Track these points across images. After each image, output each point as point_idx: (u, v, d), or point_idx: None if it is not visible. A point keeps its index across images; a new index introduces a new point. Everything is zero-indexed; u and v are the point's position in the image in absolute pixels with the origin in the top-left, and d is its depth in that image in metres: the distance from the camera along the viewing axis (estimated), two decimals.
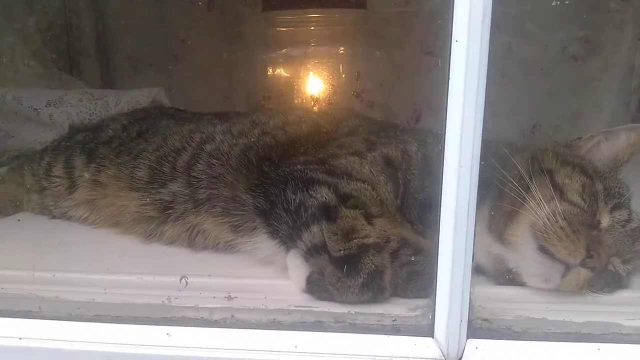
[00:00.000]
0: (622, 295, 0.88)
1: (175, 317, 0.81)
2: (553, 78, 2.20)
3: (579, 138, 1.04)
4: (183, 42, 2.33)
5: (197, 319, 0.80)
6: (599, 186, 0.91)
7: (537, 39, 2.16)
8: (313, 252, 0.85)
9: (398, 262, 0.84)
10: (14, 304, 0.83)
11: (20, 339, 0.79)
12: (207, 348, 0.77)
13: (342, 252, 0.82)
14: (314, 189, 0.92)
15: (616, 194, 0.92)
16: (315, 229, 0.87)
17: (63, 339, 0.80)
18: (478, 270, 0.98)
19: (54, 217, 1.31)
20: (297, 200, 0.92)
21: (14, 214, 1.34)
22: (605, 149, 1.00)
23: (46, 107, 1.64)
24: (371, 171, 0.98)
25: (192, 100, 2.28)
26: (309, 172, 0.97)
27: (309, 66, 1.63)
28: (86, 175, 1.24)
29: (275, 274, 0.94)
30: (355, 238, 0.83)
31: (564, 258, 0.83)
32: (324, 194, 0.91)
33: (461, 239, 0.70)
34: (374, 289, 0.81)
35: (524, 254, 0.88)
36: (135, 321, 0.80)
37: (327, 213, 0.87)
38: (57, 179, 1.29)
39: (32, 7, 2.18)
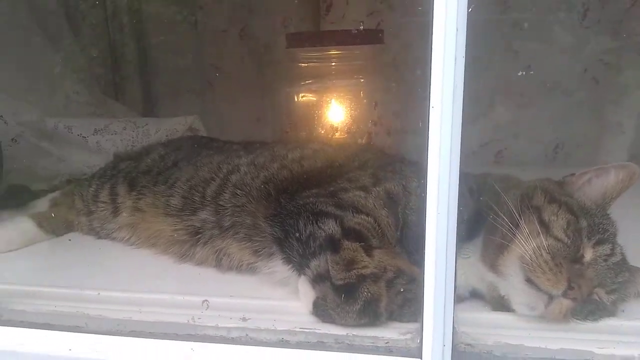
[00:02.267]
0: (608, 323, 0.96)
1: (199, 335, 0.94)
2: (574, 99, 2.25)
3: (572, 174, 1.11)
4: (217, 69, 2.50)
5: (217, 336, 0.93)
6: (584, 223, 0.98)
7: (558, 60, 2.22)
8: (318, 280, 0.96)
9: (394, 291, 0.94)
10: (65, 320, 0.98)
11: (70, 350, 0.94)
12: None
13: (342, 281, 0.92)
14: (322, 221, 1.02)
15: (600, 229, 0.99)
16: (321, 258, 0.97)
17: (105, 351, 0.94)
18: (475, 294, 1.08)
19: (100, 237, 1.47)
20: (308, 232, 1.02)
21: (65, 234, 1.51)
22: (595, 185, 1.07)
23: (93, 135, 1.82)
24: (374, 205, 1.08)
25: (226, 125, 2.45)
26: (319, 205, 1.08)
27: (330, 97, 1.75)
28: (128, 202, 1.40)
29: (289, 295, 1.06)
30: (354, 268, 0.93)
31: (547, 289, 0.92)
32: (330, 227, 1.01)
33: (441, 275, 0.80)
34: (370, 315, 0.91)
35: (512, 284, 0.97)
36: (165, 337, 0.94)
37: (332, 244, 0.98)
38: (103, 204, 1.45)
39: (80, 38, 2.39)
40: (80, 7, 2.43)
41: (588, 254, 0.96)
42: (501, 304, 1.01)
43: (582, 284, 0.92)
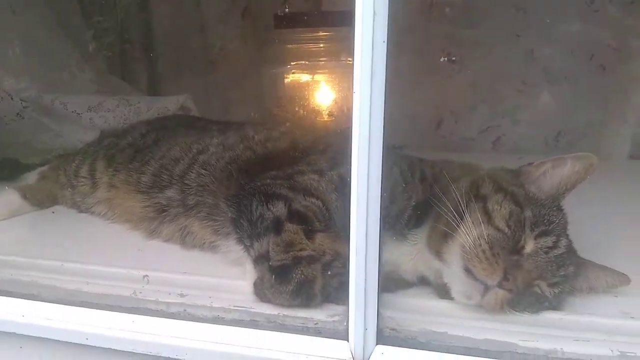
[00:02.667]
0: (548, 316, 0.94)
1: (141, 308, 0.97)
2: (579, 86, 2.18)
3: (530, 164, 1.09)
4: (220, 49, 2.52)
5: (157, 310, 0.96)
6: (528, 213, 0.96)
7: (563, 46, 2.15)
8: (259, 260, 0.98)
9: (330, 273, 0.96)
10: (20, 288, 1.03)
11: (23, 316, 0.99)
12: (163, 335, 0.93)
13: (279, 262, 0.94)
14: (273, 203, 1.03)
15: (545, 221, 0.96)
16: (264, 240, 0.99)
17: (56, 319, 0.99)
18: (423, 281, 1.08)
19: (81, 211, 1.52)
20: (258, 213, 1.04)
21: (50, 206, 1.57)
22: (550, 176, 1.04)
23: (87, 112, 1.88)
24: (326, 188, 1.09)
25: (227, 104, 2.48)
26: (274, 187, 1.09)
27: (318, 79, 1.75)
28: (105, 178, 1.45)
29: (240, 274, 1.07)
30: (292, 250, 0.94)
31: (482, 279, 0.91)
32: (279, 209, 1.02)
33: (361, 261, 0.80)
34: (304, 296, 0.93)
35: (453, 272, 0.96)
36: (110, 308, 0.98)
37: (277, 226, 0.99)
38: (83, 179, 1.50)
39: (89, 18, 2.45)
40: None
41: (529, 246, 0.95)
42: (445, 292, 1.00)
43: (518, 275, 0.91)
